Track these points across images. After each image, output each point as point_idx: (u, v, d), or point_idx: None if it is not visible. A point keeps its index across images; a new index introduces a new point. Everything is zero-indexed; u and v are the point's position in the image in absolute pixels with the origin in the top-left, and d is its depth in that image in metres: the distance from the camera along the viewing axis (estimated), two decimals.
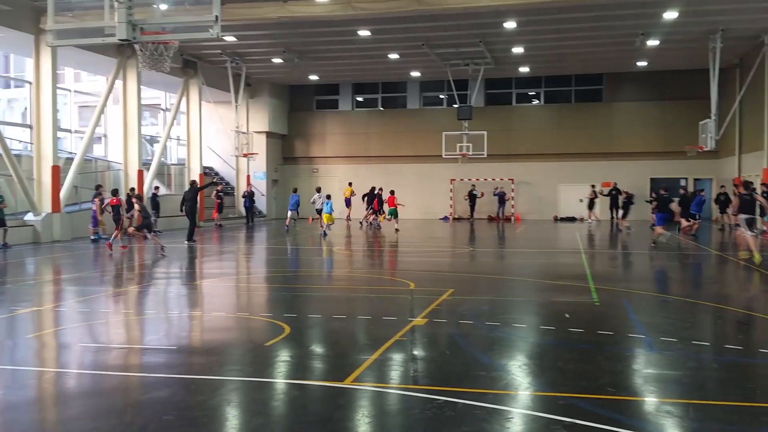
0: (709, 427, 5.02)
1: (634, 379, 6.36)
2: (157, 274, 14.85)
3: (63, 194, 22.81)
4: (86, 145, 24.81)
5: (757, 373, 6.59)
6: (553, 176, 35.25)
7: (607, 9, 22.29)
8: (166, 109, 33.96)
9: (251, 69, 32.56)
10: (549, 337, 7.99)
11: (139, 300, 11.30)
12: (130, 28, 9.15)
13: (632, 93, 34.59)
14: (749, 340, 8.08)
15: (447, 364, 6.80)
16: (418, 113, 37.02)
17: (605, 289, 11.53)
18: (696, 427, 5.01)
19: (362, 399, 5.79)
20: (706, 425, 5.05)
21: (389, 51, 29.02)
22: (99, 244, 20.78)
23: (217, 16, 9.21)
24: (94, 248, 19.84)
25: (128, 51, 24.97)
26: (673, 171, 33.83)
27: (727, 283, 13.42)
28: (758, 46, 25.80)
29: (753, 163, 27.30)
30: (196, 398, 5.77)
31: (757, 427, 5.00)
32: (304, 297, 11.44)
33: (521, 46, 27.98)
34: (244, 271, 15.77)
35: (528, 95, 36.54)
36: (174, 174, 32.37)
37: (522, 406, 5.55)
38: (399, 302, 10.57)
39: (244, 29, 24.56)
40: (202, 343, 8.20)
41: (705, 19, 23.75)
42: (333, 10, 21.55)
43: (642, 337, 7.86)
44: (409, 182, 35.39)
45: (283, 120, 37.72)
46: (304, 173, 38.49)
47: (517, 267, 16.05)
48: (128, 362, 7.18)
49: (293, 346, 7.59)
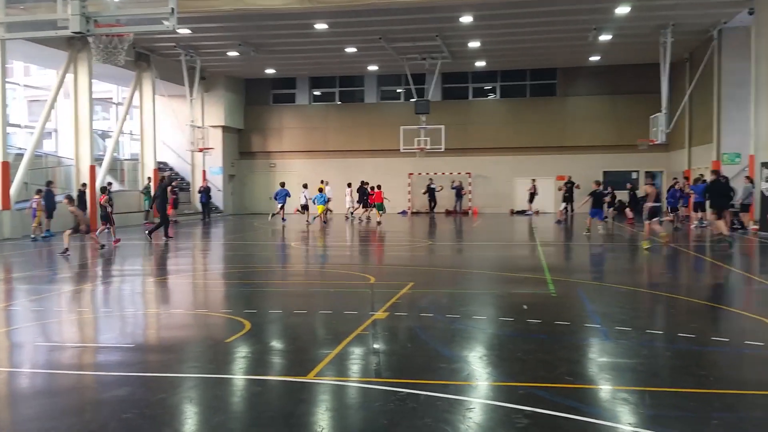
0: (665, 413, 5.16)
1: (590, 367, 6.51)
2: (113, 271, 14.58)
3: (13, 191, 22.23)
4: (36, 141, 24.20)
5: (709, 360, 6.80)
6: (510, 170, 35.67)
7: (561, 4, 22.63)
8: (119, 103, 33.30)
9: (206, 62, 32.10)
10: (508, 329, 8.11)
11: (95, 298, 11.09)
12: (83, 20, 8.94)
13: (585, 87, 35.19)
14: (701, 328, 8.32)
15: (409, 357, 6.85)
16: (376, 107, 37.03)
17: (561, 281, 11.74)
18: (651, 413, 5.15)
19: (325, 393, 5.80)
20: (661, 411, 5.19)
21: (346, 45, 28.94)
22: (45, 242, 20.29)
23: (173, 8, 9.06)
24: (45, 246, 19.36)
25: (79, 44, 24.40)
26: (625, 164, 34.55)
27: (679, 273, 13.79)
28: (707, 41, 26.49)
29: (702, 156, 28.05)
30: (156, 396, 5.70)
31: (710, 413, 5.16)
32: (264, 292, 11.38)
33: (477, 40, 28.20)
34: (202, 268, 15.60)
35: (484, 90, 36.85)
36: (127, 169, 31.76)
37: (483, 396, 5.63)
38: (360, 296, 10.59)
39: (199, 21, 24.20)
40: (161, 340, 8.10)
41: (656, 14, 24.28)
42: (289, 2, 21.44)
43: (597, 327, 8.03)
44: (367, 176, 35.29)
45: (239, 114, 37.31)
46: (261, 168, 38.17)
47: (476, 260, 16.22)
48: (84, 361, 7.05)
49: (254, 342, 7.55)
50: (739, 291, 11.42)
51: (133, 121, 32.18)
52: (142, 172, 30.50)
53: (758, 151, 21.98)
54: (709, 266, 14.21)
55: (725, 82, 25.41)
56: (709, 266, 14.21)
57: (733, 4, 22.52)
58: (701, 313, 9.26)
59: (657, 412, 5.17)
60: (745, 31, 23.93)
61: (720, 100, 25.54)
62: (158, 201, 21.24)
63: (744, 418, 5.10)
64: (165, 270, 14.73)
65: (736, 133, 24.90)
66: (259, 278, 13.11)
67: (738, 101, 24.73)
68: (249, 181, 38.25)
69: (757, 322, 8.48)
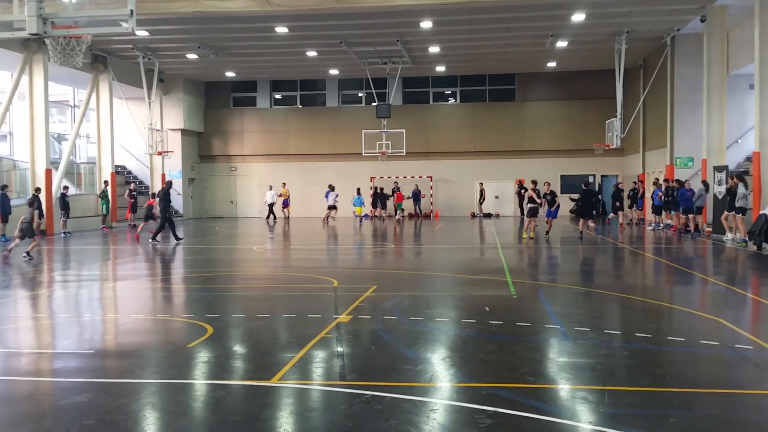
0: (624, 411, 5.28)
1: (551, 367, 6.62)
2: (70, 276, 14.30)
3: None
4: None
5: (666, 359, 6.97)
6: (470, 174, 36.02)
7: (518, 10, 22.98)
8: (75, 106, 32.64)
9: (164, 64, 31.73)
10: (470, 330, 8.20)
11: (53, 303, 10.86)
12: (40, 21, 8.77)
13: (543, 93, 35.75)
14: (658, 328, 8.53)
15: (373, 359, 6.88)
16: (337, 111, 37.03)
17: (522, 282, 11.91)
18: (611, 411, 5.27)
19: (290, 397, 5.80)
20: (620, 410, 5.31)
21: (307, 48, 28.90)
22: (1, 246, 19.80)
23: (132, 10, 8.94)
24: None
25: (35, 46, 23.93)
26: (582, 168, 35.19)
27: (635, 274, 14.10)
28: (661, 47, 27.16)
29: (656, 160, 28.73)
30: (118, 402, 5.62)
31: (668, 411, 5.30)
32: (227, 297, 11.30)
33: (437, 45, 28.44)
34: (162, 272, 15.39)
35: (444, 94, 37.16)
36: (84, 173, 31.16)
37: (447, 397, 5.70)
38: (323, 300, 10.59)
39: (158, 23, 23.91)
40: (121, 346, 7.97)
41: (611, 21, 24.82)
42: (249, 6, 21.32)
43: (557, 328, 8.18)
44: (329, 180, 35.35)
45: (198, 117, 36.93)
46: (221, 171, 37.85)
47: (438, 262, 16.33)
48: (43, 367, 6.92)
49: (217, 347, 7.49)
50: (693, 292, 11.73)
51: (90, 123, 31.57)
52: (99, 176, 29.97)
53: (710, 155, 22.62)
54: (665, 268, 14.55)
55: (678, 87, 26.08)
56: (665, 268, 14.55)
57: (686, 12, 23.15)
58: (657, 314, 9.49)
59: (616, 410, 5.30)
60: (697, 37, 24.63)
61: (673, 105, 26.20)
62: (162, 204, 21.07)
63: (701, 416, 5.25)
64: (123, 275, 14.50)
65: (688, 138, 25.56)
66: (222, 282, 12.99)
67: (691, 106, 25.41)
68: (209, 185, 37.88)
69: (712, 321, 8.74)
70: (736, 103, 25.07)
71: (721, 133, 22.65)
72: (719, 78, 22.60)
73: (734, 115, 24.70)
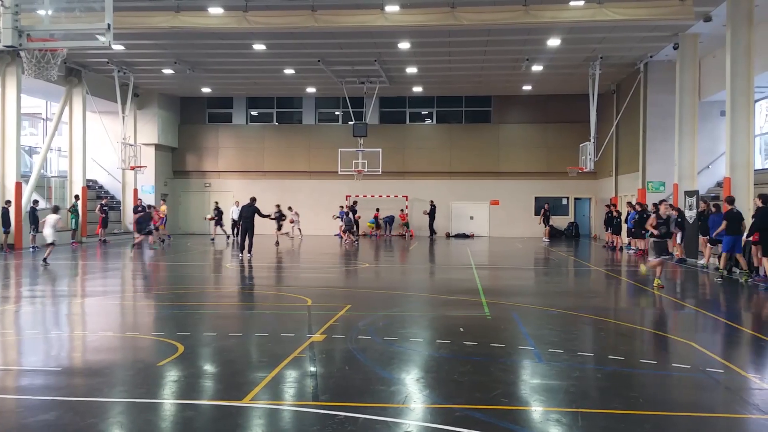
0: None
1: (525, 389, 6.62)
2: (38, 291, 14.02)
3: None
4: None
5: (638, 382, 7.00)
6: (446, 194, 36.16)
7: (495, 34, 23.25)
8: (47, 119, 32.24)
9: (140, 79, 31.53)
10: (444, 351, 8.18)
11: (20, 319, 10.62)
12: (16, 34, 8.65)
13: (518, 115, 36.12)
14: (630, 350, 8.58)
15: (347, 380, 6.82)
16: (314, 129, 37.03)
17: (496, 303, 11.93)
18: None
19: (261, 417, 5.72)
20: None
21: (284, 66, 28.93)
22: None
23: (109, 24, 8.87)
24: None
25: (8, 57, 23.62)
26: (556, 190, 35.60)
27: (608, 297, 14.21)
28: (634, 73, 27.64)
29: (629, 184, 29.10)
30: (86, 420, 5.50)
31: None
32: (199, 315, 11.14)
33: (414, 66, 28.65)
34: (132, 289, 15.16)
35: (421, 114, 37.38)
36: (55, 187, 30.69)
37: (421, 418, 5.66)
38: (296, 319, 10.49)
39: (134, 38, 23.78)
40: (89, 363, 7.81)
41: (585, 47, 25.22)
42: (227, 22, 21.29)
43: (531, 349, 8.19)
44: (304, 198, 35.33)
45: (173, 132, 36.67)
46: (195, 187, 37.56)
47: (412, 282, 16.31)
48: (8, 384, 6.74)
49: (187, 366, 7.38)
50: (665, 315, 11.83)
51: (62, 137, 31.18)
52: (70, 190, 29.53)
53: (682, 180, 22.97)
54: (636, 291, 14.68)
55: (650, 113, 26.51)
56: (636, 291, 14.68)
57: (659, 39, 23.61)
58: (630, 336, 9.55)
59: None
60: (670, 64, 25.12)
61: (645, 130, 26.60)
62: (247, 221, 21.39)
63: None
64: (92, 291, 14.25)
65: (660, 163, 25.94)
66: (193, 300, 12.83)
67: (662, 132, 25.82)
68: (183, 201, 37.54)
69: (683, 344, 8.82)
70: (707, 130, 25.55)
71: (693, 159, 23.03)
72: (691, 104, 23.02)
73: (705, 141, 25.16)
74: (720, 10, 19.76)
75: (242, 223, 21.80)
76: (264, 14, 21.02)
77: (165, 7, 20.71)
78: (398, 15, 20.84)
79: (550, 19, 20.66)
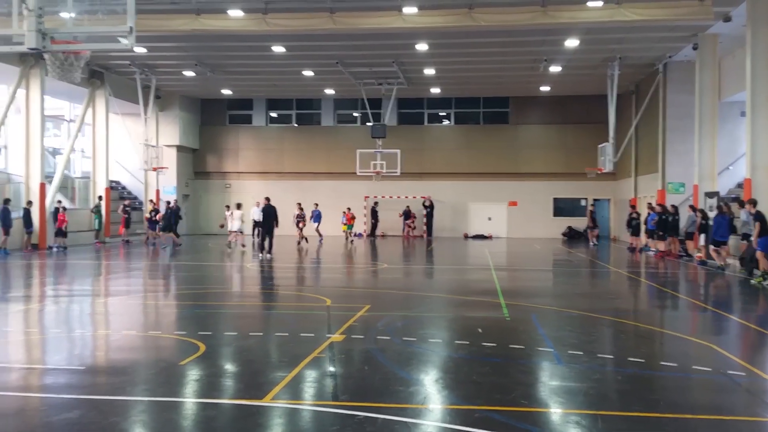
0: None
1: (544, 391, 6.62)
2: (62, 291, 14.21)
3: None
4: None
5: (659, 384, 6.96)
6: (464, 195, 36.13)
7: (513, 35, 23.21)
8: (71, 120, 32.66)
9: (161, 81, 31.84)
10: (463, 352, 8.20)
11: (44, 318, 10.79)
12: (39, 36, 8.79)
13: (536, 116, 35.99)
14: (650, 353, 8.54)
15: (366, 380, 6.87)
16: (333, 130, 37.17)
17: (515, 305, 11.92)
18: None
19: (281, 417, 5.77)
20: None
21: (304, 68, 29.07)
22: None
23: (131, 27, 8.99)
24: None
25: (32, 60, 23.97)
26: (574, 191, 35.43)
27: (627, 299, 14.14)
28: (653, 73, 27.45)
29: (648, 185, 28.89)
30: (109, 419, 5.59)
31: None
32: (219, 314, 11.26)
33: (432, 67, 28.65)
34: (154, 288, 15.32)
35: (439, 115, 37.38)
36: (78, 188, 31.07)
37: (440, 419, 5.69)
38: (316, 319, 10.57)
39: (156, 41, 24.03)
40: (112, 362, 7.92)
41: (604, 48, 25.09)
42: (247, 25, 21.46)
43: (551, 351, 8.18)
44: (323, 199, 35.39)
45: (194, 134, 36.99)
46: (216, 188, 37.84)
47: (431, 283, 16.33)
48: (33, 383, 6.87)
49: (209, 365, 7.46)
50: (685, 317, 11.76)
51: (85, 138, 31.57)
52: (93, 191, 29.93)
53: (702, 181, 22.78)
54: (657, 292, 14.59)
55: (670, 114, 26.31)
56: (657, 292, 14.59)
57: (678, 39, 23.43)
58: (650, 338, 9.50)
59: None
60: (689, 65, 24.91)
61: (665, 131, 26.41)
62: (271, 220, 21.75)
63: None
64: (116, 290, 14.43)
65: (680, 163, 25.74)
66: (214, 299, 12.95)
67: (682, 133, 25.61)
68: (204, 201, 37.84)
69: (704, 347, 8.76)
70: (727, 130, 25.32)
71: (713, 160, 22.83)
72: (711, 105, 22.83)
73: (725, 141, 24.93)
74: (740, 10, 19.59)
75: (263, 223, 21.96)
76: (283, 17, 21.17)
77: (186, 10, 20.93)
78: (416, 16, 20.89)
79: (569, 19, 20.61)
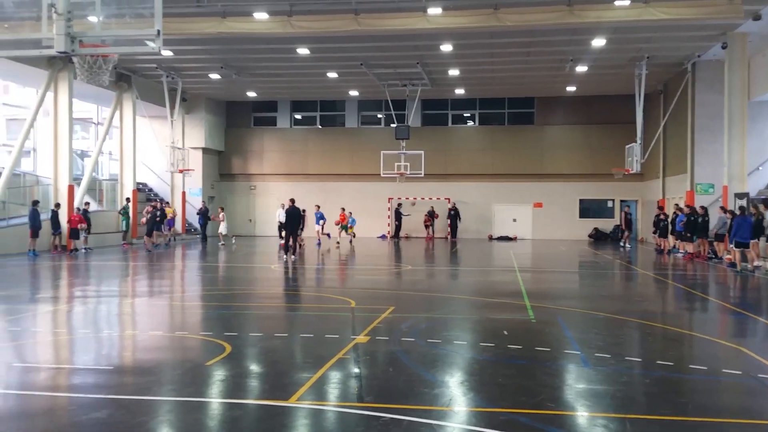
0: None
1: (571, 394, 6.55)
2: (90, 292, 14.40)
3: None
4: (15, 159, 23.99)
5: (688, 387, 6.87)
6: (488, 196, 35.98)
7: (538, 35, 23.05)
8: (98, 123, 33.11)
9: (187, 84, 32.15)
10: (488, 354, 8.15)
11: (72, 318, 10.94)
12: (68, 40, 8.92)
13: (562, 117, 35.71)
14: (679, 355, 8.42)
15: (391, 382, 6.85)
16: (357, 132, 37.24)
17: (540, 307, 11.82)
18: None
19: (306, 418, 5.78)
20: None
21: (328, 69, 29.16)
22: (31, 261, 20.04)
23: (159, 30, 9.07)
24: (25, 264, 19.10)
25: (60, 63, 24.33)
26: (601, 192, 35.09)
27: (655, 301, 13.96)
28: (681, 73, 27.09)
29: (676, 186, 28.52)
30: (136, 419, 5.64)
31: None
32: (245, 315, 11.32)
33: (457, 68, 28.57)
34: (180, 290, 15.46)
35: (463, 117, 37.26)
36: (106, 189, 31.50)
37: (465, 421, 5.66)
38: (341, 320, 10.58)
39: (182, 44, 24.27)
40: (140, 362, 8.00)
41: (631, 47, 24.81)
42: (272, 27, 21.57)
43: (577, 353, 8.10)
44: (347, 200, 35.47)
45: (219, 136, 37.30)
46: (241, 190, 38.12)
47: (455, 285, 16.28)
48: (61, 383, 6.96)
49: (234, 366, 7.50)
50: (714, 320, 11.58)
51: (112, 141, 31.99)
52: (120, 193, 30.31)
53: (731, 181, 22.43)
54: (685, 294, 14.39)
55: (699, 114, 25.95)
56: (685, 294, 14.39)
57: (707, 38, 23.10)
58: (678, 341, 9.37)
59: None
60: (718, 64, 24.54)
61: (693, 131, 26.05)
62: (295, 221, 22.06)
63: None
64: (140, 291, 14.59)
65: (709, 164, 25.37)
66: (239, 300, 13.03)
67: (711, 133, 25.25)
68: (229, 203, 38.07)
69: (734, 350, 8.62)
70: (757, 130, 24.91)
71: (742, 160, 22.46)
72: (740, 104, 22.46)
73: (755, 141, 24.52)
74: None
75: (286, 225, 22.06)
76: (308, 19, 21.25)
77: (211, 13, 21.10)
78: (440, 17, 20.84)
79: (595, 19, 20.42)
